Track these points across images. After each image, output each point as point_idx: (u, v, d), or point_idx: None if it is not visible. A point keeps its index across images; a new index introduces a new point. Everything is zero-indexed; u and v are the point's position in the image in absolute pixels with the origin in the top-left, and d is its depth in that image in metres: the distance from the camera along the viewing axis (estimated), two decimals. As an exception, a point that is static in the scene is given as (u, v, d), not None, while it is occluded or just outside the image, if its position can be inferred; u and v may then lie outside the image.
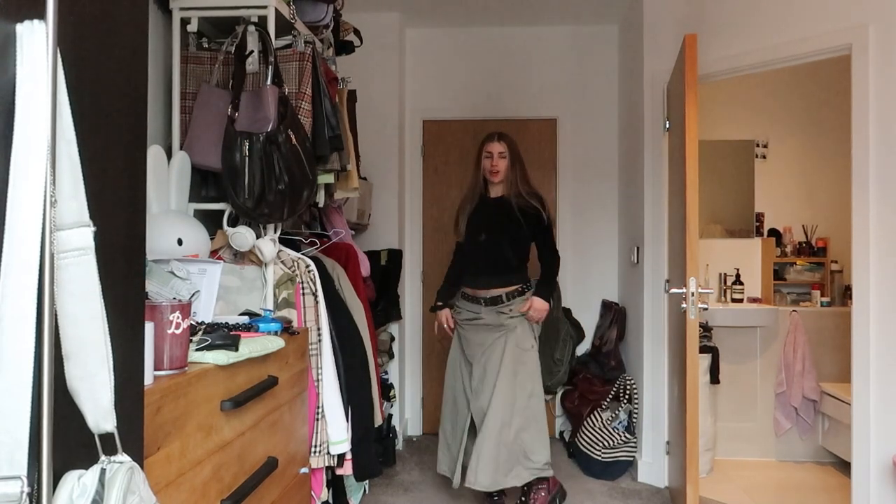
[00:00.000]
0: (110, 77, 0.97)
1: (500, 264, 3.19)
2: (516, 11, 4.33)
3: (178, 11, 2.38)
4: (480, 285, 3.20)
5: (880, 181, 2.75)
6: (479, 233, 3.23)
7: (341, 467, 2.56)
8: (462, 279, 3.31)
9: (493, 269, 3.20)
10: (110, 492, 0.84)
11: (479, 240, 3.22)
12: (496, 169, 3.19)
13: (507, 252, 3.17)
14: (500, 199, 3.23)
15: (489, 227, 3.21)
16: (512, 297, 3.16)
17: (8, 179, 0.77)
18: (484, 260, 3.20)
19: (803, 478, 3.89)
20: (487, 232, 3.21)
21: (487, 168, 3.22)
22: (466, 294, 3.27)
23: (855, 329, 2.83)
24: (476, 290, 3.21)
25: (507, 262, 3.17)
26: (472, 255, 3.26)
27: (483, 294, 3.19)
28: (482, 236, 3.22)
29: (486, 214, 3.24)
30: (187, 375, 1.41)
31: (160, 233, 2.03)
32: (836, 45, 2.91)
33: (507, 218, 3.18)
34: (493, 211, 3.23)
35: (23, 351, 0.76)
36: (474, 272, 3.24)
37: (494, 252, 3.19)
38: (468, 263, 3.28)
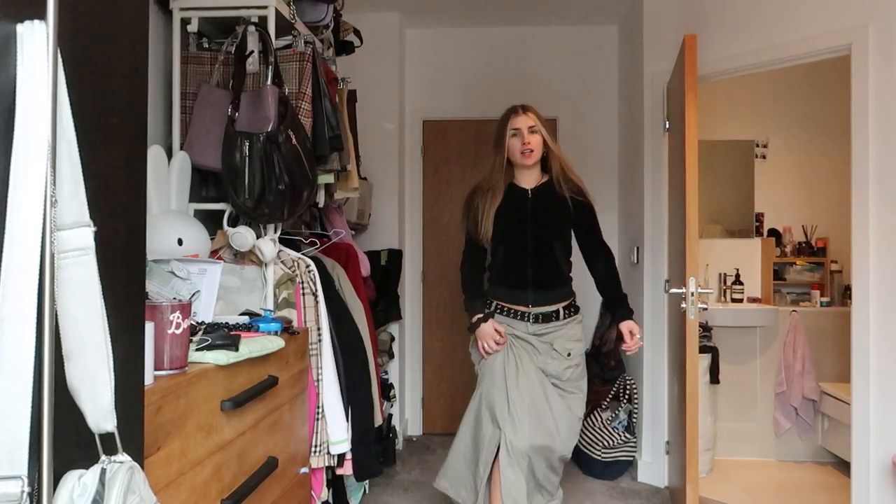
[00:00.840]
0: (110, 77, 0.97)
1: (555, 274, 2.59)
2: (516, 11, 4.33)
3: (178, 11, 2.38)
4: (529, 301, 2.59)
5: (880, 181, 2.75)
6: (520, 234, 2.59)
7: (341, 467, 2.56)
8: (492, 291, 2.67)
9: (547, 280, 2.59)
10: (110, 491, 0.84)
11: (522, 243, 2.58)
12: (529, 147, 2.57)
13: (561, 257, 2.60)
14: (544, 188, 2.63)
15: (537, 225, 2.59)
16: (568, 314, 2.62)
17: (8, 179, 0.77)
18: (534, 269, 2.58)
19: (803, 478, 3.89)
20: (536, 232, 2.58)
21: (517, 148, 2.58)
22: (502, 308, 2.63)
23: (855, 329, 2.83)
24: (517, 304, 2.60)
25: (562, 270, 2.61)
26: (513, 263, 2.59)
27: (532, 310, 2.59)
28: (527, 238, 2.58)
29: (528, 209, 2.61)
30: (187, 375, 1.41)
31: (160, 233, 2.03)
32: (836, 45, 2.91)
33: (559, 212, 2.59)
34: (538, 204, 2.61)
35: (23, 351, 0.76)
36: (517, 284, 2.59)
37: (548, 258, 2.58)
38: (505, 273, 2.62)
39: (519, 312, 2.60)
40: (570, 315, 2.63)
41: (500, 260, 2.61)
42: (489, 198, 2.61)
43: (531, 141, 2.57)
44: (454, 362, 4.65)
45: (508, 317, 2.61)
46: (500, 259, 2.62)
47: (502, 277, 2.62)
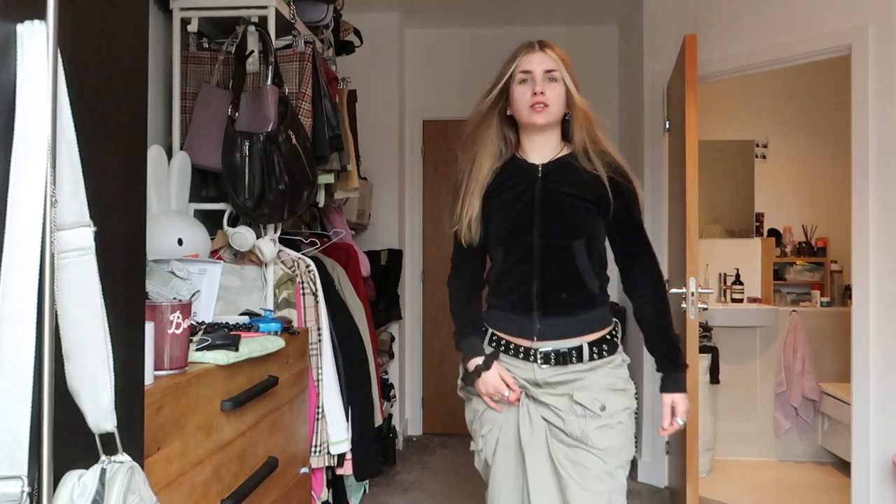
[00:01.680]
0: (110, 77, 0.97)
1: (574, 291, 1.69)
2: (516, 11, 4.33)
3: (178, 11, 2.38)
4: (534, 331, 1.69)
5: (880, 181, 2.75)
6: (522, 230, 1.70)
7: (341, 467, 2.56)
8: (487, 315, 1.82)
9: (562, 301, 1.69)
10: (111, 491, 0.84)
11: (525, 244, 1.69)
12: (541, 100, 1.68)
13: (584, 266, 1.69)
14: (563, 164, 1.73)
15: (548, 217, 1.69)
16: (600, 354, 1.68)
17: (8, 179, 0.77)
18: (541, 284, 1.68)
19: (803, 478, 3.89)
20: (545, 228, 1.68)
21: (525, 100, 1.70)
22: (503, 343, 1.75)
23: (855, 329, 2.83)
24: (518, 336, 1.72)
25: (585, 285, 1.69)
26: (512, 275, 1.73)
27: (539, 345, 1.69)
28: (532, 237, 1.69)
29: (535, 193, 1.71)
30: (187, 375, 1.41)
31: (160, 233, 2.03)
32: (836, 45, 2.91)
33: (584, 199, 1.69)
34: (552, 186, 1.71)
35: (23, 351, 0.76)
36: (519, 306, 1.71)
37: (563, 268, 1.68)
38: (501, 290, 1.76)
39: (521, 349, 1.69)
40: (604, 354, 1.68)
41: (498, 271, 1.76)
42: (478, 176, 1.75)
43: (547, 91, 1.68)
44: (454, 362, 4.63)
45: (508, 355, 1.72)
46: (497, 270, 1.77)
47: (498, 296, 1.77)
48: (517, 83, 1.74)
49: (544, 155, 1.76)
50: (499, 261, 1.77)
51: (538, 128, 1.74)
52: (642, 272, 1.76)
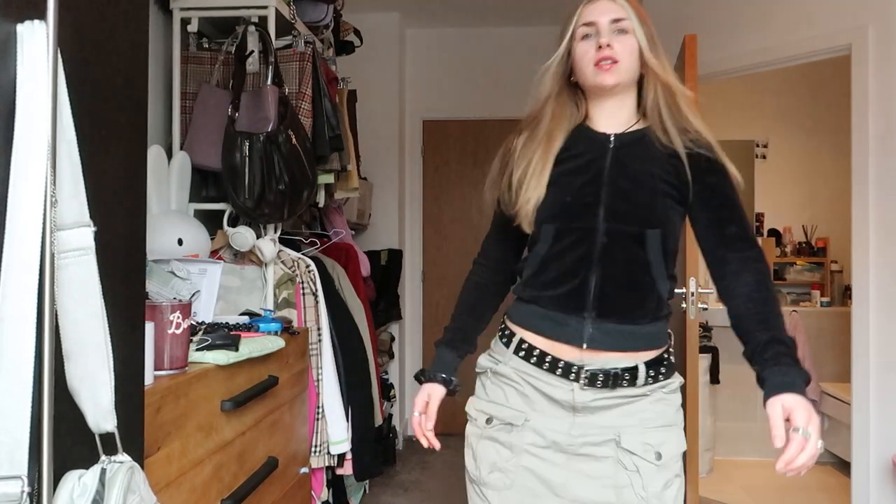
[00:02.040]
0: (110, 77, 0.97)
1: (640, 293, 1.37)
2: (516, 11, 4.33)
3: (178, 11, 2.38)
4: (583, 337, 1.35)
5: (880, 181, 2.75)
6: (585, 210, 1.37)
7: (341, 467, 2.56)
8: (518, 311, 1.45)
9: (624, 304, 1.36)
10: (111, 491, 0.84)
11: (588, 227, 1.36)
12: (610, 56, 1.37)
13: (656, 262, 1.36)
14: (638, 137, 1.42)
15: (618, 197, 1.37)
16: (655, 377, 1.37)
17: (8, 179, 0.77)
18: (602, 279, 1.35)
19: (803, 478, 3.89)
20: (614, 210, 1.36)
21: (589, 58, 1.40)
22: (536, 353, 1.38)
23: (855, 329, 2.83)
24: (560, 341, 1.36)
25: (654, 288, 1.37)
26: (564, 263, 1.38)
27: (586, 359, 1.35)
28: (597, 220, 1.36)
29: (604, 168, 1.39)
30: (187, 375, 1.41)
31: (160, 233, 2.03)
32: (836, 45, 2.91)
33: (662, 180, 1.38)
34: (625, 161, 1.40)
35: (23, 351, 0.76)
36: (567, 303, 1.37)
37: (631, 263, 1.36)
38: (546, 280, 1.39)
39: (561, 363, 1.35)
40: (660, 378, 1.37)
41: (543, 255, 1.39)
42: (541, 141, 1.42)
43: (615, 44, 1.38)
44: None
45: (541, 368, 1.36)
46: (542, 253, 1.39)
47: (537, 287, 1.40)
48: (579, 40, 1.44)
49: (616, 125, 1.44)
50: (545, 243, 1.39)
51: (607, 91, 1.41)
52: (739, 263, 1.35)
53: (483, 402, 1.46)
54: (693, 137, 1.40)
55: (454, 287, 1.57)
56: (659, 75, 1.41)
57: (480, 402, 1.47)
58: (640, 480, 1.32)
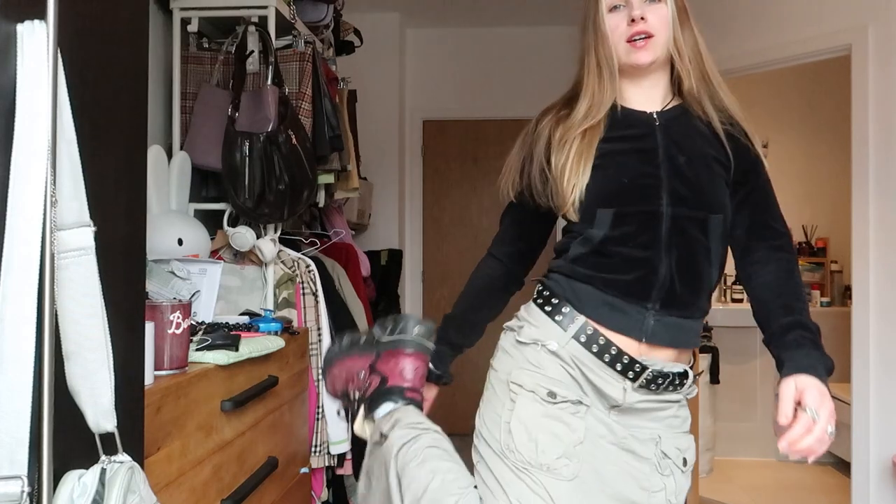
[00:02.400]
0: (110, 77, 0.97)
1: (700, 282, 1.29)
2: (516, 11, 4.33)
3: (178, 11, 2.38)
4: (644, 331, 1.25)
5: (880, 181, 2.75)
6: (645, 191, 1.26)
7: (342, 467, 2.56)
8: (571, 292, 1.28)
9: (688, 298, 1.27)
10: (110, 491, 0.84)
11: (650, 208, 1.25)
12: (643, 30, 1.27)
13: (718, 251, 1.30)
14: (678, 114, 1.33)
15: (677, 176, 1.26)
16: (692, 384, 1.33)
17: (8, 179, 0.77)
18: (670, 269, 1.25)
19: (803, 478, 3.89)
20: (675, 192, 1.26)
21: (621, 33, 1.29)
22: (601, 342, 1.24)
23: (855, 329, 2.83)
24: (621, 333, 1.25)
25: (712, 277, 1.31)
26: (627, 247, 1.26)
27: (644, 357, 1.25)
28: (661, 205, 1.25)
29: (658, 150, 1.29)
30: (187, 375, 1.41)
31: (160, 233, 2.03)
32: (836, 45, 2.91)
33: (713, 161, 1.30)
34: (675, 141, 1.30)
35: (23, 351, 0.76)
36: (633, 291, 1.25)
37: (697, 255, 1.27)
38: (609, 265, 1.27)
39: (624, 357, 1.23)
40: (690, 385, 1.32)
41: (600, 238, 1.25)
42: (580, 122, 1.29)
43: (648, 15, 1.26)
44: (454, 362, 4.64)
45: (601, 359, 1.24)
46: (598, 237, 1.25)
47: (595, 268, 1.26)
48: (607, 13, 1.30)
49: (653, 104, 1.34)
50: (601, 228, 1.25)
51: (643, 69, 1.29)
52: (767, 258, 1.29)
53: (539, 376, 1.24)
54: (729, 118, 1.34)
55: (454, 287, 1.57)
56: (696, 50, 1.33)
57: (535, 374, 1.24)
58: (674, 486, 1.26)
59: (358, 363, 1.51)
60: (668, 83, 1.35)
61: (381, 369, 1.45)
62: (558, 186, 1.28)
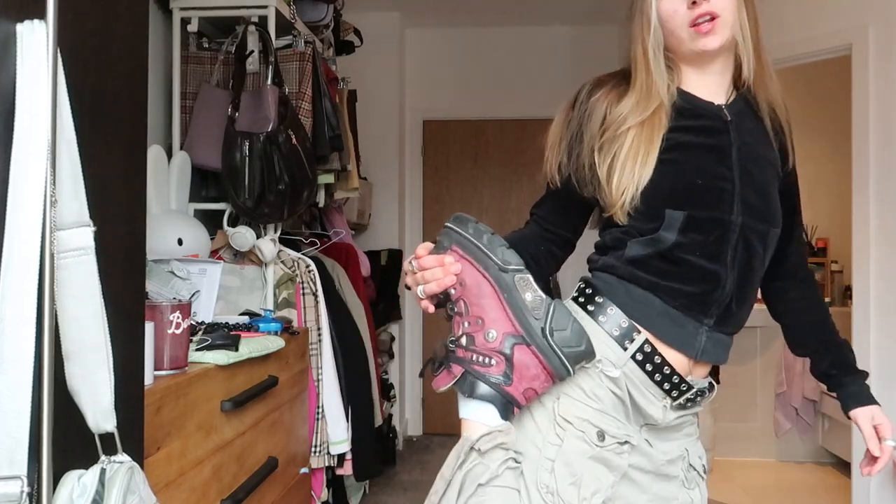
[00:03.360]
0: (110, 77, 0.97)
1: (751, 301, 1.21)
2: (516, 11, 4.33)
3: (178, 11, 2.38)
4: (697, 347, 1.14)
5: (881, 181, 2.75)
6: (718, 194, 1.11)
7: (341, 467, 2.56)
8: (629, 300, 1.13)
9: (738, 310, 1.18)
10: (110, 492, 0.84)
11: (722, 216, 1.11)
12: (708, 12, 1.09)
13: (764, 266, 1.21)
14: (743, 108, 1.21)
15: (748, 184, 1.14)
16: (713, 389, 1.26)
17: (8, 179, 0.77)
18: (735, 282, 1.14)
19: (803, 478, 3.89)
20: (746, 201, 1.13)
21: (682, 18, 1.11)
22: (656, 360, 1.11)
23: (855, 329, 2.83)
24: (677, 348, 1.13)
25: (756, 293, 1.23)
26: (695, 256, 1.11)
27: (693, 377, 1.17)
28: (733, 209, 1.12)
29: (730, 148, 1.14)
30: (187, 375, 1.41)
31: (160, 233, 2.03)
32: (836, 45, 2.90)
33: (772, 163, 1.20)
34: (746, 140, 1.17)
35: (23, 351, 0.76)
36: (693, 304, 1.13)
37: (753, 264, 1.16)
38: (675, 273, 1.12)
39: (675, 377, 1.13)
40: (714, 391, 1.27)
41: (673, 242, 1.11)
42: (640, 105, 1.15)
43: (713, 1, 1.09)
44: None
45: (652, 378, 1.12)
46: (670, 240, 1.11)
47: (664, 275, 1.13)
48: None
49: (718, 93, 1.18)
50: (672, 230, 1.10)
51: (710, 55, 1.13)
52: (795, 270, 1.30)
53: (591, 411, 1.09)
54: (778, 118, 1.25)
55: None
56: (754, 29, 1.15)
57: (585, 408, 1.09)
58: (699, 497, 1.20)
59: (493, 299, 1.05)
60: (730, 74, 1.20)
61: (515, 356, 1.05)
62: (607, 181, 1.12)
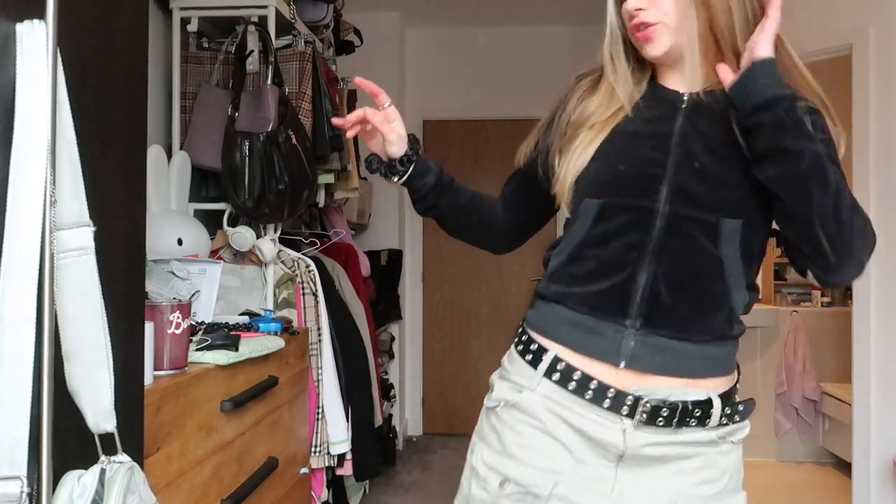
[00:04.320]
0: (110, 77, 0.97)
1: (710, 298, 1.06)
2: (516, 11, 4.33)
3: (178, 11, 2.38)
4: (621, 353, 1.02)
5: (880, 181, 2.75)
6: (641, 182, 1.05)
7: (341, 467, 2.56)
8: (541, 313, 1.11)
9: (682, 310, 1.04)
10: (110, 492, 0.83)
11: (643, 204, 1.04)
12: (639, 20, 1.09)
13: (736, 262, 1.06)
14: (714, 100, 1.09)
15: (688, 170, 1.04)
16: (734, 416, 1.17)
17: (8, 179, 0.77)
18: (655, 277, 1.03)
19: (803, 478, 3.89)
20: (681, 186, 1.03)
21: (628, 23, 1.13)
22: (576, 377, 1.03)
23: (855, 329, 2.83)
24: (596, 358, 1.03)
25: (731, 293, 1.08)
26: (605, 250, 1.05)
27: (632, 385, 1.02)
28: (657, 196, 1.04)
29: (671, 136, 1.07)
30: (187, 375, 1.40)
31: (160, 233, 2.03)
32: (836, 45, 2.90)
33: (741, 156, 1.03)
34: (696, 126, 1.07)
35: (23, 351, 0.76)
36: (606, 304, 1.04)
37: (696, 256, 1.04)
38: (581, 273, 1.07)
39: (610, 391, 1.02)
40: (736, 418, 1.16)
41: (581, 238, 1.08)
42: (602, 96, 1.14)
43: (647, 3, 1.09)
44: (454, 362, 4.64)
45: (582, 397, 1.03)
46: (579, 235, 1.08)
47: (567, 282, 1.08)
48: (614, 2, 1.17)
49: (691, 85, 1.11)
50: (585, 221, 1.07)
51: (657, 60, 1.11)
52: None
53: (496, 455, 1.06)
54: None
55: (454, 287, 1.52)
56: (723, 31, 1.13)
57: (492, 453, 1.06)
58: None
59: None
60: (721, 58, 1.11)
61: None
62: (553, 166, 1.13)
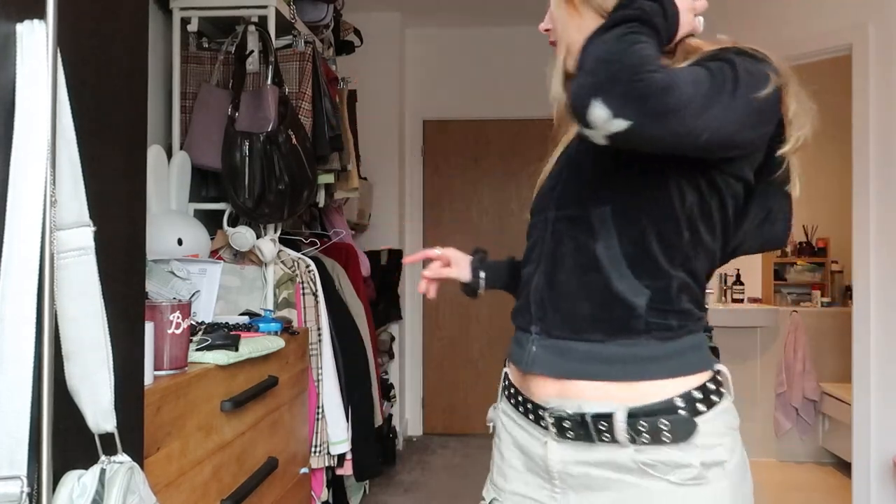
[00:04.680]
0: (110, 77, 0.97)
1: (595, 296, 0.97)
2: (516, 11, 4.33)
3: (178, 11, 2.38)
4: (525, 357, 1.03)
5: (881, 181, 2.75)
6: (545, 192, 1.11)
7: (341, 467, 2.56)
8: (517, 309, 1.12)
9: (570, 310, 0.99)
10: (110, 492, 0.84)
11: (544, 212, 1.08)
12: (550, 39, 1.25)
13: (614, 255, 0.96)
14: None
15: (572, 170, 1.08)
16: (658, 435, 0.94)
17: (8, 179, 0.77)
18: (545, 275, 1.04)
19: (803, 478, 3.89)
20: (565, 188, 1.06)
21: None
22: (512, 388, 1.08)
23: (855, 329, 2.83)
24: (516, 367, 1.07)
25: (615, 289, 0.95)
26: (525, 263, 1.11)
27: (536, 392, 1.01)
28: (550, 201, 1.07)
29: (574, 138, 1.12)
30: (187, 375, 1.40)
31: (160, 233, 2.03)
32: (836, 44, 2.90)
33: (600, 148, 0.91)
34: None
35: (23, 351, 0.76)
36: (520, 312, 1.09)
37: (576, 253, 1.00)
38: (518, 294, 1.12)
39: (520, 397, 1.05)
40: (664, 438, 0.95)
41: (523, 259, 1.15)
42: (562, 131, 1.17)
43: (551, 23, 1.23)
44: (454, 362, 4.64)
45: (517, 409, 1.06)
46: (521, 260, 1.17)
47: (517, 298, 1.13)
48: None
49: None
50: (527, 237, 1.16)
51: None
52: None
53: (489, 479, 1.14)
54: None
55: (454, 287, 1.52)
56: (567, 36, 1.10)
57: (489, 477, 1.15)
58: None
59: None
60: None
61: None
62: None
